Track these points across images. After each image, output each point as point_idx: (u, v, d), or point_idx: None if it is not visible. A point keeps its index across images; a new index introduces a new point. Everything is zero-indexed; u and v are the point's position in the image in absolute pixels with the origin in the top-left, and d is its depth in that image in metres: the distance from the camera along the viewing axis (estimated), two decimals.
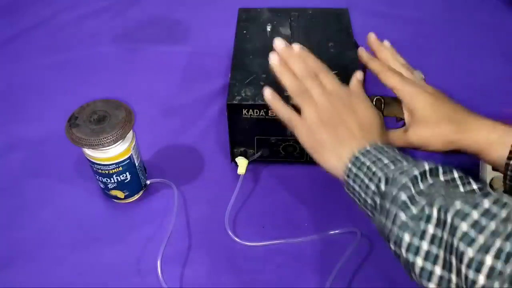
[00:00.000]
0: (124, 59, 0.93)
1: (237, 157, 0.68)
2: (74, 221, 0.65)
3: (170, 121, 0.80)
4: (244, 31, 0.75)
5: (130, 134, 0.61)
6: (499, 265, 0.33)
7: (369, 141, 0.49)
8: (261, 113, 0.63)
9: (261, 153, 0.69)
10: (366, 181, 0.46)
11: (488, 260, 0.33)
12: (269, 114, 0.63)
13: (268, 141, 0.68)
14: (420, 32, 0.97)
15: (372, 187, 0.45)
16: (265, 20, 0.78)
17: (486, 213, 0.35)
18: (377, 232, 0.63)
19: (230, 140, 0.68)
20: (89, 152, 0.60)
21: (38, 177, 0.71)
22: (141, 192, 0.68)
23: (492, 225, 0.34)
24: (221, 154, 0.74)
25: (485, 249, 0.34)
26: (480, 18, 1.01)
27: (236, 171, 0.67)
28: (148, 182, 0.69)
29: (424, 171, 0.42)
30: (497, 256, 0.33)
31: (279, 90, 0.63)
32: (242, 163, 0.67)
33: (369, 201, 0.46)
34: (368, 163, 0.47)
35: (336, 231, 0.63)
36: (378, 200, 0.45)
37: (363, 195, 0.47)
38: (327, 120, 0.52)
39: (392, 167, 0.45)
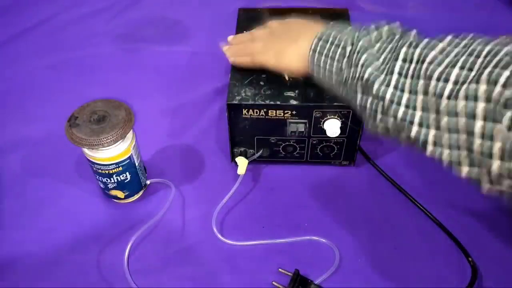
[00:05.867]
0: (124, 59, 0.94)
1: (237, 157, 0.68)
2: (74, 221, 0.65)
3: (170, 121, 0.80)
4: (244, 31, 0.75)
5: (130, 134, 0.61)
6: (463, 72, 0.40)
7: (327, 24, 0.58)
8: (261, 113, 0.63)
9: (261, 153, 0.69)
10: (331, 52, 0.53)
11: (455, 70, 0.40)
12: (269, 114, 0.63)
13: (268, 141, 0.68)
14: (420, 32, 0.97)
15: (339, 50, 0.52)
16: (265, 20, 0.77)
17: (450, 43, 0.44)
18: (378, 232, 0.64)
19: (230, 140, 0.68)
20: (89, 152, 0.60)
21: (38, 177, 0.71)
22: (141, 192, 0.68)
23: (456, 50, 0.42)
24: (221, 154, 0.74)
25: (452, 64, 0.41)
26: (480, 18, 1.01)
27: (236, 171, 0.67)
28: (148, 182, 0.69)
29: (387, 27, 0.50)
30: (462, 67, 0.40)
31: (279, 87, 0.63)
32: (242, 163, 0.67)
33: (336, 63, 0.53)
34: (331, 38, 0.54)
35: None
36: (345, 62, 0.51)
37: (328, 66, 0.54)
38: (275, 36, 0.64)
39: (355, 33, 0.52)
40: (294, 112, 0.63)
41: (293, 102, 0.62)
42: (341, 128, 0.63)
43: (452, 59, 0.41)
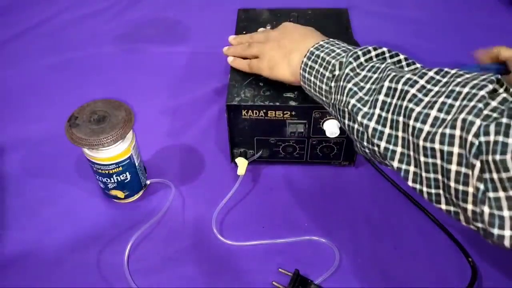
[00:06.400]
0: (124, 59, 0.94)
1: (237, 157, 0.68)
2: (74, 221, 0.65)
3: (170, 121, 0.80)
4: (244, 32, 0.75)
5: (130, 134, 0.61)
6: (440, 116, 0.40)
7: (321, 39, 0.58)
8: (260, 114, 0.63)
9: (260, 153, 0.69)
10: (321, 70, 0.53)
11: (433, 112, 0.40)
12: (269, 115, 0.63)
13: (267, 141, 0.68)
14: (420, 32, 0.97)
15: (327, 73, 0.52)
16: (265, 20, 0.78)
17: (431, 80, 0.43)
18: (378, 232, 0.64)
19: (230, 141, 0.68)
20: (89, 152, 0.60)
21: (38, 177, 0.71)
22: (141, 192, 0.68)
23: (436, 89, 0.42)
24: (221, 155, 0.74)
25: (430, 105, 0.41)
26: (480, 18, 1.01)
27: (236, 171, 0.67)
28: (148, 182, 0.69)
29: (374, 53, 0.51)
30: (439, 110, 0.40)
31: (278, 88, 0.63)
32: (241, 163, 0.67)
33: (324, 87, 0.53)
34: (322, 54, 0.54)
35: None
36: (332, 84, 0.51)
37: (318, 83, 0.54)
38: (271, 44, 0.63)
39: (344, 54, 0.52)
40: (293, 113, 0.63)
41: (293, 103, 0.62)
42: (340, 128, 0.63)
43: (431, 100, 0.41)
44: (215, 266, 0.60)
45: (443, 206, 0.42)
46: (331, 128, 0.63)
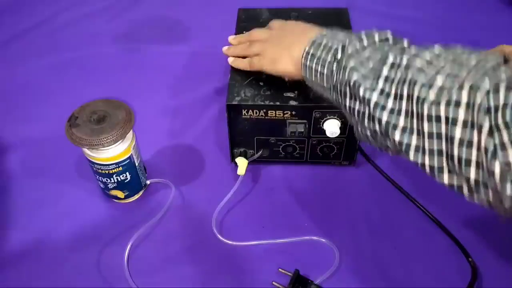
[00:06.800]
0: (124, 59, 0.94)
1: (237, 157, 0.68)
2: (74, 221, 0.65)
3: (170, 121, 0.80)
4: (244, 31, 0.75)
5: (130, 134, 0.61)
6: (447, 83, 0.39)
7: (324, 30, 0.57)
8: (260, 114, 0.63)
9: (261, 153, 0.69)
10: (323, 55, 0.53)
11: (439, 81, 0.40)
12: (269, 115, 0.63)
13: (267, 141, 0.68)
14: (420, 32, 0.97)
15: (329, 58, 0.52)
16: (265, 20, 0.77)
17: (437, 54, 0.43)
18: (378, 232, 0.64)
19: (230, 141, 0.68)
20: (89, 152, 0.60)
21: (38, 177, 0.71)
22: (141, 192, 0.68)
23: (442, 63, 0.42)
24: (221, 155, 0.74)
25: (437, 71, 0.41)
26: (480, 18, 1.01)
27: (236, 171, 0.67)
28: (148, 182, 0.69)
29: (378, 38, 0.51)
30: (446, 79, 0.40)
31: (278, 88, 0.63)
32: (241, 163, 0.67)
33: (326, 71, 0.53)
34: (324, 41, 0.54)
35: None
36: (335, 66, 0.51)
37: (319, 69, 0.53)
38: (272, 41, 0.64)
39: (347, 39, 0.52)
40: (293, 113, 0.63)
41: (293, 102, 0.62)
42: (340, 128, 0.63)
43: (439, 68, 0.41)
44: (215, 266, 0.60)
45: (446, 179, 0.41)
46: (331, 128, 0.63)
